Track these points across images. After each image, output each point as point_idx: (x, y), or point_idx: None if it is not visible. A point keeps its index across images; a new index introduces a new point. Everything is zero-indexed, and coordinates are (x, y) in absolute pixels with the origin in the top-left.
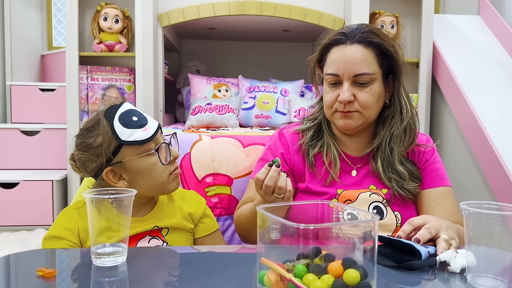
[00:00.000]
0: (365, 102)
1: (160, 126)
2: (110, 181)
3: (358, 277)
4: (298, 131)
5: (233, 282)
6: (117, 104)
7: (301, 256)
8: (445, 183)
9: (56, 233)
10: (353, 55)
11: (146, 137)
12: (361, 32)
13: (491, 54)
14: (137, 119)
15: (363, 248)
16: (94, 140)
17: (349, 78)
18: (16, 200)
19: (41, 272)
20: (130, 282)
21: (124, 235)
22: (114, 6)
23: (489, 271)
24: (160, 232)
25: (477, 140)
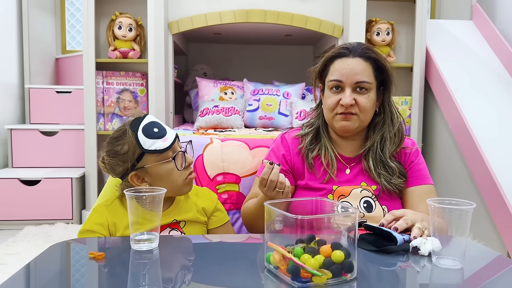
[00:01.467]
0: (364, 106)
1: (178, 136)
2: (134, 184)
3: (342, 257)
4: (298, 136)
5: (242, 264)
6: (141, 116)
7: (299, 241)
8: (428, 181)
9: (89, 227)
10: (355, 66)
11: (165, 147)
12: (361, 48)
13: (482, 59)
14: (158, 130)
15: (347, 235)
16: (121, 148)
17: (351, 85)
18: (38, 196)
19: (93, 254)
20: (161, 263)
21: (156, 225)
22: (128, 15)
23: (449, 254)
24: (178, 224)
25: (465, 141)
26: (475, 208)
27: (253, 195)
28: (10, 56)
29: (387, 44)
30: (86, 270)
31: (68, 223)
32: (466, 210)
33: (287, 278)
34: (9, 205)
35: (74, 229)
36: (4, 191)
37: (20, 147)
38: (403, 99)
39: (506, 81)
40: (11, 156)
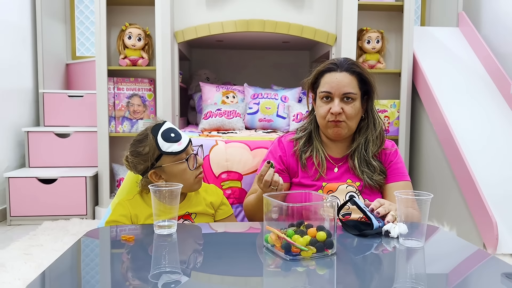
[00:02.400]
0: (350, 114)
1: (191, 140)
2: (153, 180)
3: (325, 236)
4: (293, 140)
5: (245, 245)
6: (160, 123)
7: (290, 225)
8: (405, 178)
9: (115, 218)
10: (342, 79)
11: (180, 149)
12: (347, 64)
13: (467, 64)
14: (174, 135)
15: (329, 219)
16: (143, 149)
17: (339, 95)
18: (54, 194)
19: (125, 238)
20: (178, 245)
21: (174, 214)
22: (137, 26)
23: (413, 235)
24: (190, 216)
25: (448, 143)
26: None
27: (253, 191)
28: (25, 63)
29: (377, 51)
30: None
31: (83, 218)
32: (425, 200)
33: (281, 253)
34: (28, 202)
35: (88, 224)
36: (24, 189)
37: (36, 148)
38: (392, 102)
39: (489, 86)
40: (28, 156)
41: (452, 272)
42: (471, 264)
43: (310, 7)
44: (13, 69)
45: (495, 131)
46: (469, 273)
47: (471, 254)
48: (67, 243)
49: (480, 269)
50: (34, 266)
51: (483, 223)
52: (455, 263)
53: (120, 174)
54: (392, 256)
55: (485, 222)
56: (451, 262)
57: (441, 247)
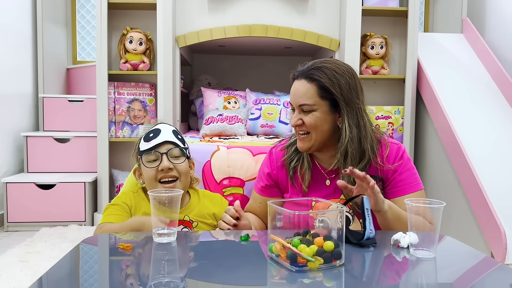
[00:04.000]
0: (309, 123)
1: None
2: (135, 177)
3: (332, 246)
4: (284, 149)
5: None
6: (157, 123)
7: (296, 234)
8: (412, 189)
9: (116, 201)
10: (298, 88)
11: (144, 148)
12: (309, 69)
13: (471, 71)
14: (152, 135)
15: (336, 228)
16: (135, 146)
17: (297, 106)
18: (53, 200)
19: (122, 246)
20: (178, 254)
21: (175, 222)
22: (138, 30)
23: (424, 245)
24: (191, 224)
25: (453, 149)
26: (463, 213)
27: (250, 208)
28: (25, 67)
29: (381, 57)
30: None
31: (81, 224)
32: (437, 208)
33: (286, 263)
34: (26, 207)
35: (87, 230)
36: (21, 195)
37: (35, 153)
38: (396, 109)
39: (494, 92)
40: (27, 161)
41: (459, 280)
42: (478, 272)
43: (313, 12)
44: (13, 73)
45: (500, 138)
46: (476, 281)
47: (478, 262)
48: (64, 250)
49: (488, 277)
50: (30, 273)
51: (491, 232)
52: (462, 271)
53: (119, 180)
54: (402, 267)
55: (492, 231)
56: (458, 270)
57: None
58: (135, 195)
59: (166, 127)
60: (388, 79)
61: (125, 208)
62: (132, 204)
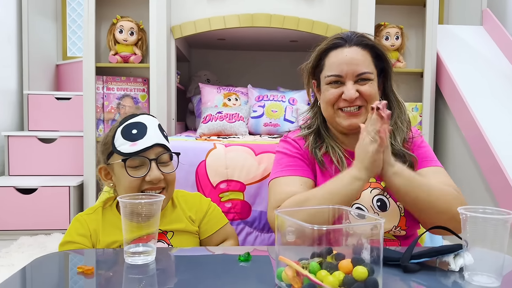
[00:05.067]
0: (369, 94)
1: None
2: (102, 178)
3: (366, 273)
4: (301, 137)
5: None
6: (136, 114)
7: (315, 255)
8: (433, 163)
9: (70, 238)
10: (353, 56)
11: (128, 151)
12: (356, 37)
13: (494, 64)
14: (136, 132)
15: (370, 247)
16: (105, 137)
17: (352, 77)
18: (34, 205)
19: (81, 269)
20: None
21: (153, 237)
22: (129, 19)
23: (484, 269)
24: (165, 235)
25: (480, 149)
26: None
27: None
28: (9, 62)
29: (396, 49)
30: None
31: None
32: (504, 220)
33: None
34: (4, 214)
35: None
36: (0, 200)
37: (17, 154)
38: (413, 106)
39: None
40: (8, 163)
41: None
42: None
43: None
44: None
45: None
46: None
47: None
48: None
49: None
50: None
51: None
52: None
53: None
54: None
55: None
56: None
57: None
58: (92, 218)
59: (151, 122)
60: (405, 73)
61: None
62: (91, 231)
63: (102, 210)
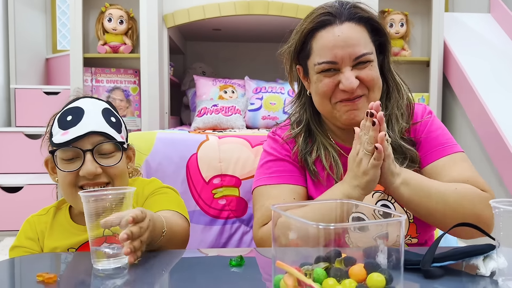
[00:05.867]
0: (371, 79)
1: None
2: (49, 171)
3: (383, 282)
4: (292, 138)
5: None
6: (78, 97)
7: (320, 259)
8: (447, 151)
9: (19, 243)
10: (348, 35)
11: (57, 142)
12: (347, 9)
13: (504, 52)
14: (70, 119)
15: (387, 250)
16: (47, 124)
17: (350, 61)
18: (20, 205)
19: (41, 277)
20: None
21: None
22: (119, 7)
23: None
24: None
25: (492, 141)
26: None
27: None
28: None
29: (401, 37)
30: None
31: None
32: None
33: None
34: None
35: None
36: None
37: (2, 151)
38: (420, 96)
39: None
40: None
41: None
42: None
43: None
44: None
45: None
46: None
47: None
48: None
49: None
50: None
51: None
52: None
53: None
54: None
55: None
56: None
57: None
58: (41, 219)
59: (92, 105)
60: (410, 62)
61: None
62: (38, 234)
63: (55, 211)
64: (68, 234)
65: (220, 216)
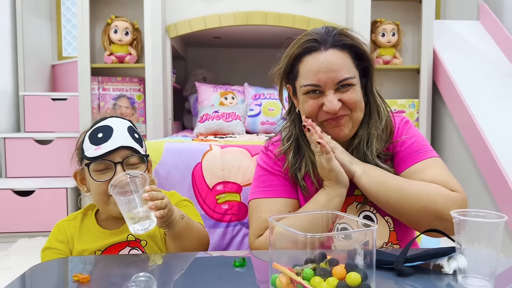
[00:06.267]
0: (354, 101)
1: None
2: (78, 183)
3: (359, 279)
4: (283, 154)
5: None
6: (105, 117)
7: (308, 261)
8: (422, 157)
9: (50, 245)
10: (331, 61)
11: (91, 155)
12: (332, 36)
13: (491, 59)
14: (101, 136)
15: (363, 253)
16: (77, 142)
17: (332, 85)
18: (32, 207)
19: (77, 277)
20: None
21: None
22: (124, 18)
23: (477, 272)
24: (139, 243)
25: (477, 146)
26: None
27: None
28: (4, 63)
29: (392, 45)
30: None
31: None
32: (497, 224)
33: None
34: (2, 217)
35: None
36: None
37: (14, 156)
38: (410, 102)
39: None
40: (5, 166)
41: None
42: None
43: None
44: None
45: None
46: None
47: None
48: None
49: None
50: None
51: None
52: None
53: None
54: None
55: None
56: None
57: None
58: (70, 224)
59: (120, 124)
60: (401, 69)
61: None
62: (68, 237)
63: (82, 217)
64: (95, 238)
65: (223, 220)
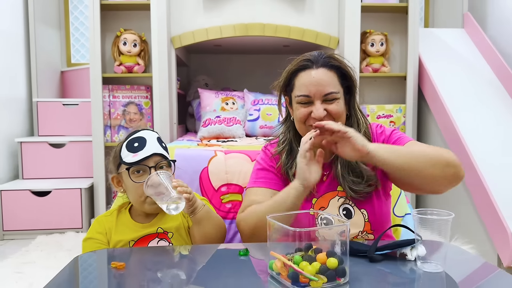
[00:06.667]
0: (336, 112)
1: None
2: (114, 185)
3: (336, 263)
4: (278, 154)
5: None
6: (137, 130)
7: (298, 250)
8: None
9: (91, 235)
10: (320, 77)
11: (131, 161)
12: (323, 58)
13: (474, 66)
14: (137, 145)
15: (340, 243)
16: (114, 151)
17: (320, 97)
18: (49, 206)
19: (114, 265)
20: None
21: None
22: (132, 31)
23: (432, 258)
24: (166, 235)
25: (457, 148)
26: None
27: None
28: (18, 71)
29: (381, 55)
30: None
31: (78, 231)
32: (446, 220)
33: (287, 283)
34: (22, 215)
35: None
36: (16, 202)
37: (29, 159)
38: (397, 107)
39: (497, 88)
40: (21, 168)
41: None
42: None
43: (311, 9)
44: (6, 77)
45: (507, 136)
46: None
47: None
48: (59, 259)
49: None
50: (25, 286)
51: (498, 235)
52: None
53: None
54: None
55: (499, 234)
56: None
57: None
58: (108, 219)
59: (151, 135)
60: (389, 77)
61: (101, 240)
62: (106, 230)
63: (117, 213)
64: (129, 231)
65: (227, 217)
